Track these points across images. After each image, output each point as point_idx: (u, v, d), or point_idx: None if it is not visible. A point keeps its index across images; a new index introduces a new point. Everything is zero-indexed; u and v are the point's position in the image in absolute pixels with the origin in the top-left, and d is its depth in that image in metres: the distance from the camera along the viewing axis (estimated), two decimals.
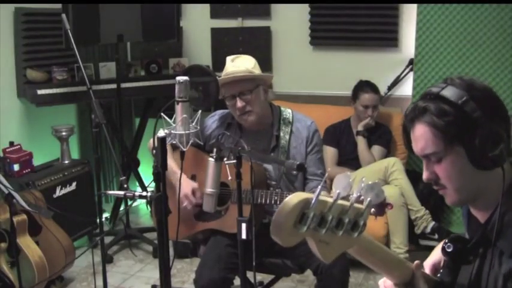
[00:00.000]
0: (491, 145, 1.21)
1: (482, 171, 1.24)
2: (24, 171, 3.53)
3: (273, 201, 2.39)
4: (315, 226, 1.00)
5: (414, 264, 1.28)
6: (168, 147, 2.11)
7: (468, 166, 1.24)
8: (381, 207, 2.04)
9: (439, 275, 1.37)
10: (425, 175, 1.32)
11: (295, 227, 0.98)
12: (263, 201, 2.40)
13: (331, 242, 1.03)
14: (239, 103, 2.49)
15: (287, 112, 2.65)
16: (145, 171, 4.42)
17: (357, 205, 1.04)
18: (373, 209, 1.87)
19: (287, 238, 0.98)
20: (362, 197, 1.07)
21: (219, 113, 2.74)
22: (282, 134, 2.59)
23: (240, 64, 2.52)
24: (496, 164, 1.22)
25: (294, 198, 0.98)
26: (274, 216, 0.98)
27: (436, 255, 1.45)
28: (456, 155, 1.25)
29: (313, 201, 0.98)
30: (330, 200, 1.01)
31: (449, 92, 1.25)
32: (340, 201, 1.01)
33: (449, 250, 1.28)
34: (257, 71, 2.55)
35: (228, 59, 2.56)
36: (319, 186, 0.99)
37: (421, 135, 1.28)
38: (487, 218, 1.29)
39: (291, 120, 2.62)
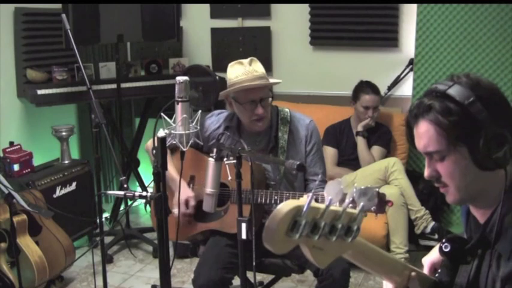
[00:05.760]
0: (495, 147, 1.19)
1: (485, 172, 1.23)
2: (24, 171, 3.53)
3: (273, 201, 2.38)
4: (308, 233, 0.99)
5: (412, 275, 1.27)
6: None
7: (471, 166, 1.23)
8: (381, 204, 2.03)
9: (437, 274, 1.37)
10: (426, 172, 1.31)
11: (287, 234, 0.98)
12: (263, 201, 2.40)
13: (325, 248, 1.03)
14: (261, 109, 2.45)
15: (285, 111, 2.62)
16: (145, 171, 4.42)
17: (350, 210, 1.04)
18: (373, 207, 1.86)
19: (279, 245, 0.98)
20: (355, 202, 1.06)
21: (216, 113, 2.69)
22: (280, 134, 2.56)
23: (258, 69, 2.47)
24: (500, 165, 1.21)
25: (285, 207, 0.97)
26: (267, 224, 0.97)
27: (435, 253, 1.45)
28: (459, 154, 1.24)
29: (304, 209, 0.98)
30: (322, 206, 1.01)
31: (455, 91, 1.23)
32: (332, 207, 1.01)
33: (446, 250, 1.28)
34: None
35: (244, 61, 2.47)
36: (310, 194, 0.98)
37: (425, 133, 1.27)
38: (487, 218, 1.28)
39: (288, 119, 2.59)
